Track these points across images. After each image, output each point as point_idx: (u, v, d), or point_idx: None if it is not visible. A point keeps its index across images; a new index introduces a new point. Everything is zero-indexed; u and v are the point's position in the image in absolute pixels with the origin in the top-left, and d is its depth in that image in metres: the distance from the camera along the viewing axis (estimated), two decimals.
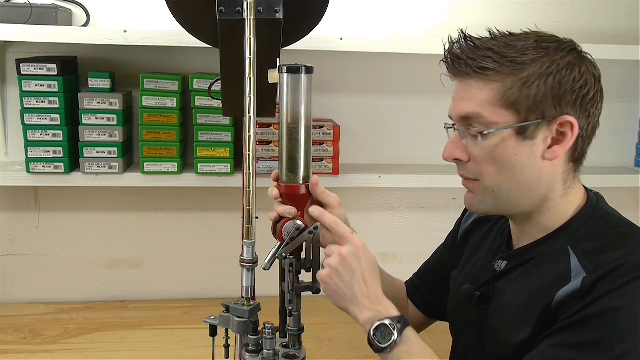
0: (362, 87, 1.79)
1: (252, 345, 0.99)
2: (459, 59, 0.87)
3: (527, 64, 0.84)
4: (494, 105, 0.85)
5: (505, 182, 0.88)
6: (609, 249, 0.84)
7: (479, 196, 0.91)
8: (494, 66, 0.85)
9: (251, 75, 0.97)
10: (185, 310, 1.73)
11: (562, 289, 0.84)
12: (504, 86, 0.84)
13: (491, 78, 0.85)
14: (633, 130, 1.89)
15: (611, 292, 0.79)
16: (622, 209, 0.95)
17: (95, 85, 1.52)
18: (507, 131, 0.85)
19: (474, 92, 0.87)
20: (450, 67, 0.89)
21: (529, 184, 0.88)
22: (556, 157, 0.86)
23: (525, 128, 0.85)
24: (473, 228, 1.12)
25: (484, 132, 0.86)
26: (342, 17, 1.69)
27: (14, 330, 1.58)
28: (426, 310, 1.21)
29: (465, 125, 0.89)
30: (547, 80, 0.84)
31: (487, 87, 0.85)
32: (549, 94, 0.84)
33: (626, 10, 1.83)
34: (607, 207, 0.94)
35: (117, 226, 1.78)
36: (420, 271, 1.25)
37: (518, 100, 0.84)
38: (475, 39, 0.87)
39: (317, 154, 1.61)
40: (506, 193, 0.89)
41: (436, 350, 0.89)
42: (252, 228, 0.98)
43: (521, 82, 0.84)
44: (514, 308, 0.91)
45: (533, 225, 0.92)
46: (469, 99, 0.87)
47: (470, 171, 0.90)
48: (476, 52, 0.86)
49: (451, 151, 0.91)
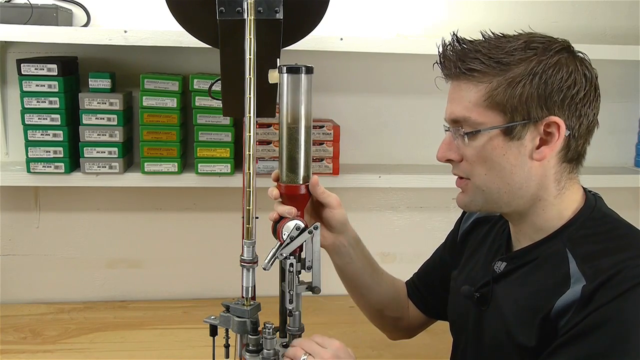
0: (362, 87, 1.79)
1: (252, 345, 0.99)
2: (450, 61, 0.88)
3: (514, 64, 0.85)
4: (480, 106, 0.86)
5: (495, 181, 0.89)
6: (607, 253, 0.84)
7: (470, 195, 0.92)
8: (481, 67, 0.85)
9: (251, 75, 0.97)
10: (185, 310, 1.73)
11: (561, 297, 0.83)
12: (491, 87, 0.85)
13: (478, 79, 0.86)
14: (633, 130, 1.89)
15: (611, 301, 0.79)
16: (622, 209, 0.95)
17: (96, 85, 1.52)
18: (494, 131, 0.86)
19: (463, 93, 0.88)
20: (443, 69, 0.91)
21: (519, 184, 0.88)
22: (544, 157, 0.86)
23: (511, 128, 0.85)
24: (473, 228, 1.12)
25: (470, 133, 0.87)
26: (342, 17, 1.69)
27: (14, 330, 1.58)
28: (426, 310, 1.21)
29: (455, 127, 0.90)
30: (533, 80, 0.84)
31: (475, 88, 0.86)
32: (535, 94, 0.84)
33: (626, 10, 1.83)
34: (605, 208, 0.93)
35: (117, 226, 1.78)
36: (421, 271, 1.25)
37: (504, 101, 0.85)
38: (466, 41, 0.88)
39: (317, 154, 1.61)
40: (496, 192, 0.89)
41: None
42: (252, 228, 0.98)
43: (507, 82, 0.84)
44: (513, 310, 0.91)
45: (528, 225, 0.92)
46: (457, 101, 0.89)
47: (463, 171, 0.92)
48: (466, 54, 0.87)
49: (444, 152, 0.93)
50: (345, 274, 1.14)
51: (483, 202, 0.92)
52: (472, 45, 0.87)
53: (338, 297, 1.24)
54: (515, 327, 0.89)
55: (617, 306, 0.78)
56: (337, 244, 1.08)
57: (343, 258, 1.10)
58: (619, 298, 0.78)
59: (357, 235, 1.12)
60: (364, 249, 1.14)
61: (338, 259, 1.11)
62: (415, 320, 1.22)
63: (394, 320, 1.21)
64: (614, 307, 0.78)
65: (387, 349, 1.28)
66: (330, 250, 1.10)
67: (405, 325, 1.23)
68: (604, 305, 0.79)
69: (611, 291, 0.79)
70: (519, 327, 0.89)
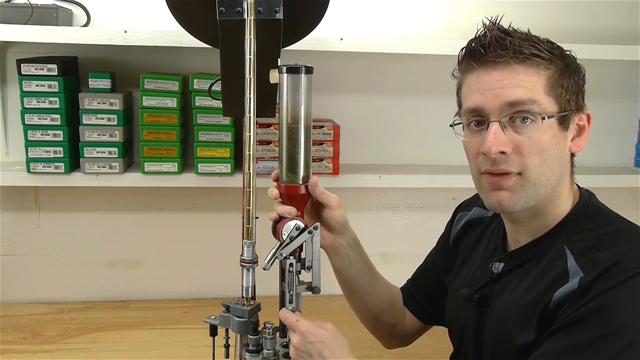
0: (362, 87, 1.79)
1: (252, 345, 0.99)
2: (505, 46, 0.85)
3: (559, 57, 0.87)
4: (542, 92, 0.85)
5: (546, 173, 0.86)
6: (604, 246, 0.84)
7: (520, 192, 0.86)
8: (544, 54, 0.85)
9: (251, 75, 0.97)
10: (185, 310, 1.73)
11: (559, 289, 0.83)
12: (550, 73, 0.86)
13: (540, 65, 0.85)
14: (633, 130, 1.88)
15: (607, 291, 0.79)
16: (622, 209, 0.95)
17: (96, 85, 1.52)
18: (552, 120, 0.85)
19: (522, 77, 0.84)
20: (491, 53, 0.85)
21: (560, 176, 0.88)
22: (581, 148, 0.89)
23: (565, 118, 0.86)
24: (465, 230, 1.12)
25: (543, 118, 0.84)
26: (342, 17, 1.69)
27: (15, 330, 1.58)
28: (423, 316, 1.21)
29: (510, 114, 0.85)
30: (576, 74, 0.88)
31: (536, 74, 0.85)
32: (579, 86, 0.88)
33: (626, 10, 1.83)
34: (599, 203, 0.94)
35: (117, 226, 1.78)
36: (414, 277, 1.24)
37: (561, 89, 0.86)
38: (508, 29, 0.88)
39: (317, 154, 1.61)
40: (545, 186, 0.86)
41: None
42: (252, 228, 0.98)
43: (561, 71, 0.86)
44: (514, 309, 0.91)
45: (535, 222, 0.91)
46: (518, 85, 0.84)
47: (515, 164, 0.85)
48: (524, 40, 0.86)
49: (497, 143, 0.84)
50: (343, 276, 1.13)
51: (532, 197, 0.87)
52: (517, 33, 0.87)
53: (338, 297, 1.24)
54: (516, 325, 0.89)
55: (614, 294, 0.78)
56: (336, 245, 1.08)
57: (342, 259, 1.10)
58: (616, 287, 0.79)
59: (356, 237, 1.12)
60: (363, 252, 1.14)
61: (337, 260, 1.11)
62: (411, 326, 1.22)
63: (390, 326, 1.20)
64: (611, 295, 0.79)
65: (386, 349, 1.28)
66: (329, 251, 1.09)
67: (402, 331, 1.22)
68: (602, 294, 0.79)
69: (608, 281, 0.79)
70: (519, 325, 0.88)
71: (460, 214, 1.15)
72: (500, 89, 0.85)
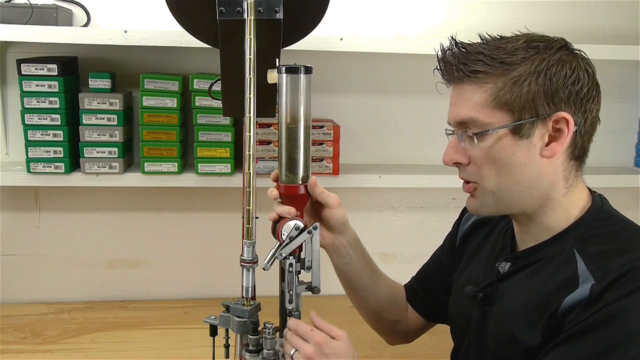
0: (362, 87, 1.79)
1: (252, 345, 0.99)
2: (452, 65, 0.88)
3: (517, 63, 0.85)
4: (487, 107, 0.86)
5: (506, 182, 0.88)
6: (616, 253, 0.84)
7: (480, 199, 0.92)
8: (485, 68, 0.86)
9: (251, 75, 0.97)
10: (185, 310, 1.73)
11: (569, 295, 0.83)
12: (496, 87, 0.85)
13: (483, 80, 0.86)
14: (633, 130, 1.89)
15: (619, 300, 0.79)
16: (622, 209, 0.95)
17: (96, 85, 1.52)
18: (503, 131, 0.86)
19: (467, 95, 0.88)
20: (444, 73, 0.91)
21: (530, 183, 0.88)
22: (554, 154, 0.87)
23: (520, 127, 0.85)
24: (472, 230, 1.12)
25: (479, 133, 0.87)
26: (342, 17, 1.69)
27: (14, 330, 1.58)
28: (426, 314, 1.21)
29: (462, 129, 0.89)
30: (538, 78, 0.84)
31: (480, 89, 0.86)
32: (541, 91, 0.85)
33: (626, 10, 1.83)
34: (611, 208, 0.94)
35: (117, 226, 1.78)
36: (419, 274, 1.24)
37: (511, 100, 0.85)
38: (466, 44, 0.89)
39: (317, 154, 1.61)
40: (507, 193, 0.89)
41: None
42: (252, 228, 0.98)
43: (512, 81, 0.85)
44: (519, 310, 0.90)
45: (537, 225, 0.92)
46: (462, 104, 0.88)
47: (471, 174, 0.91)
48: (467, 57, 0.87)
49: (450, 155, 0.92)
50: (345, 275, 1.13)
51: (494, 204, 0.91)
52: (472, 47, 0.88)
53: (338, 297, 1.24)
54: (520, 326, 0.89)
55: (625, 304, 0.79)
56: (336, 244, 1.08)
57: (342, 258, 1.10)
58: (627, 296, 0.79)
59: (356, 236, 1.11)
60: (364, 250, 1.14)
61: (337, 259, 1.11)
62: (414, 324, 1.22)
63: (392, 323, 1.21)
64: (622, 305, 0.79)
65: (387, 349, 1.28)
66: (330, 250, 1.09)
67: (404, 328, 1.22)
68: (612, 303, 0.79)
69: (620, 290, 0.79)
70: (523, 326, 0.88)
71: (468, 214, 1.15)
72: (452, 106, 0.91)
